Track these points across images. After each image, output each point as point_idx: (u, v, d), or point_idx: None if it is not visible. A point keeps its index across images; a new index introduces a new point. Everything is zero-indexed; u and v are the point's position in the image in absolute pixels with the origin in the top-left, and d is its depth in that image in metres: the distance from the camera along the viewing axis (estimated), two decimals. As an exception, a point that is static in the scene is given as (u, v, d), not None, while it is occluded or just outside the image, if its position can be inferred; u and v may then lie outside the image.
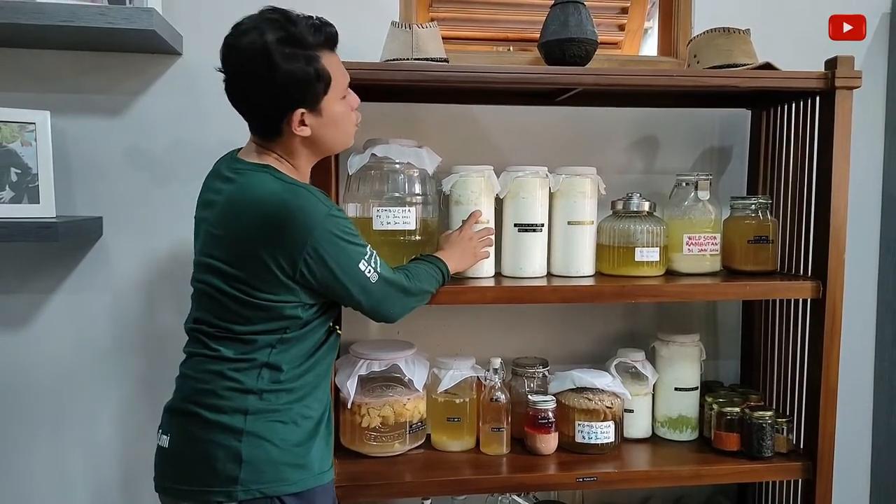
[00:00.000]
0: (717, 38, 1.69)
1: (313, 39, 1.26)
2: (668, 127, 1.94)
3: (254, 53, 1.23)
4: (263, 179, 1.27)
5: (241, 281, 1.26)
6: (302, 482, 1.29)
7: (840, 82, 1.57)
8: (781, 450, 1.71)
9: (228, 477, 1.24)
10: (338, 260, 1.27)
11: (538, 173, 1.67)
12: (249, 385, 1.27)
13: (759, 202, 1.73)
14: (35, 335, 1.76)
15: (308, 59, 1.25)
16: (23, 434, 1.78)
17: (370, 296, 1.34)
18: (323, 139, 1.34)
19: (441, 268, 1.49)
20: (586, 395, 1.71)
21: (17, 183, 1.59)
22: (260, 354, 1.28)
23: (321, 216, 1.24)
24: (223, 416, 1.26)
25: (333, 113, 1.32)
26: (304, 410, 1.32)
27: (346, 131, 1.38)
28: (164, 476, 1.31)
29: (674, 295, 1.64)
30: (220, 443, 1.25)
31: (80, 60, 1.72)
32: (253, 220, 1.24)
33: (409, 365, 1.67)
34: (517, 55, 2.13)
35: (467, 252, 1.57)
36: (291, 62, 1.23)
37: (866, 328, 2.05)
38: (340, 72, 1.33)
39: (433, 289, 1.47)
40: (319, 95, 1.28)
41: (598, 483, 1.63)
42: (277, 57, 1.22)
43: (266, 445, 1.26)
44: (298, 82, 1.25)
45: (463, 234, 1.59)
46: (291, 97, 1.26)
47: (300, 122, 1.29)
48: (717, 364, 2.02)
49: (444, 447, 1.73)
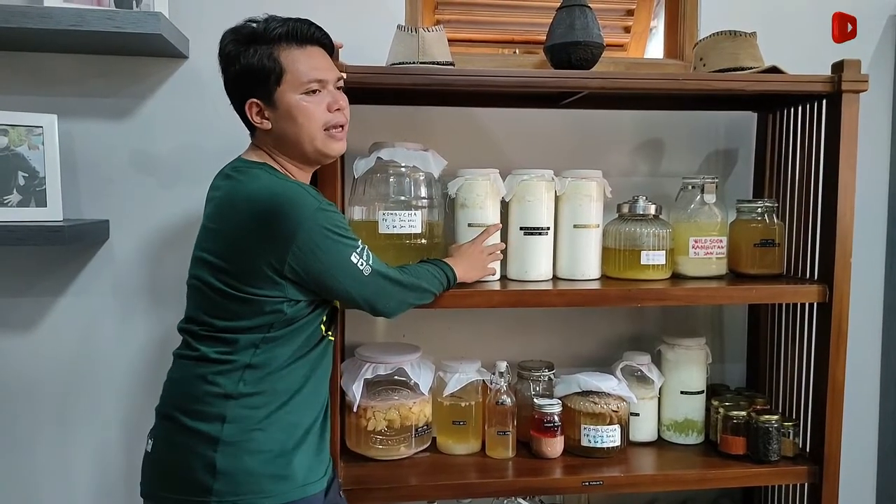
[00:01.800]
0: (724, 41, 1.69)
1: (269, 34, 1.30)
2: (674, 130, 1.94)
3: (219, 49, 1.33)
4: (258, 175, 1.29)
5: (228, 273, 1.26)
6: (282, 495, 1.25)
7: (847, 86, 1.57)
8: (788, 454, 1.71)
9: (203, 487, 1.22)
10: (328, 253, 1.26)
11: (544, 176, 1.66)
12: (229, 389, 1.25)
13: (765, 205, 1.73)
14: (42, 337, 1.77)
15: (255, 52, 1.29)
16: (28, 435, 1.78)
17: (363, 288, 1.33)
18: (284, 133, 1.33)
19: (446, 271, 1.49)
20: (592, 398, 1.71)
21: (24, 186, 1.60)
22: (242, 355, 1.27)
23: (311, 210, 1.24)
24: (201, 423, 1.25)
25: (288, 105, 1.31)
26: (288, 418, 1.29)
27: (310, 129, 1.32)
28: (147, 482, 1.31)
29: (680, 298, 1.64)
30: (196, 451, 1.24)
31: (86, 64, 1.72)
32: (244, 213, 1.25)
33: (415, 368, 1.67)
34: (522, 58, 2.13)
35: (477, 263, 1.57)
36: (244, 55, 1.29)
37: (873, 332, 2.04)
38: (305, 67, 1.31)
39: (434, 289, 1.46)
40: (272, 87, 1.30)
41: (604, 487, 1.62)
42: (230, 48, 1.31)
43: (243, 456, 1.24)
44: (246, 73, 1.30)
45: (475, 247, 1.59)
46: (243, 88, 1.32)
47: (257, 112, 1.33)
48: (723, 367, 2.02)
49: (450, 451, 1.73)
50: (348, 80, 1.43)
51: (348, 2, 1.79)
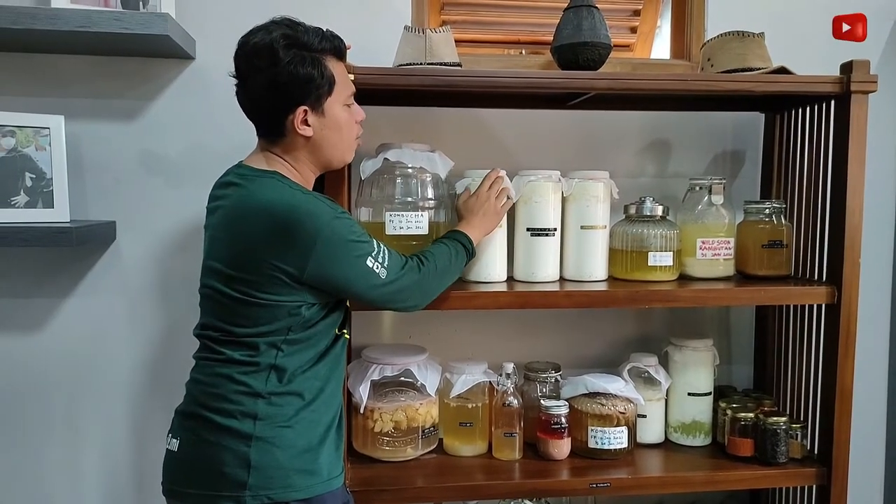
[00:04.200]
0: (731, 41, 1.68)
1: (318, 44, 1.31)
2: (681, 130, 1.93)
3: (261, 50, 1.28)
4: (272, 184, 1.29)
5: (243, 282, 1.26)
6: (310, 488, 1.29)
7: (856, 86, 1.57)
8: (796, 456, 1.70)
9: (237, 482, 1.24)
10: (346, 259, 1.28)
11: (551, 177, 1.66)
12: (258, 388, 1.28)
13: (773, 206, 1.72)
14: (50, 338, 1.77)
15: (312, 60, 1.29)
16: (38, 435, 1.79)
17: (382, 291, 1.34)
18: (324, 142, 1.34)
19: (463, 241, 1.50)
20: (599, 400, 1.71)
21: (31, 187, 1.60)
22: (265, 357, 1.28)
23: (328, 219, 1.26)
24: (233, 420, 1.27)
25: (336, 116, 1.34)
26: (313, 416, 1.32)
27: (348, 140, 1.39)
28: (173, 479, 1.32)
29: (687, 300, 1.64)
30: (230, 447, 1.26)
31: (93, 65, 1.73)
32: (260, 223, 1.25)
33: (422, 369, 1.67)
34: (529, 58, 2.12)
35: (489, 212, 1.56)
36: (296, 60, 1.28)
37: (881, 333, 2.03)
38: (345, 81, 1.36)
39: (457, 265, 1.48)
40: (323, 96, 1.31)
41: (611, 489, 1.62)
42: (282, 53, 1.27)
43: (275, 451, 1.27)
44: (301, 79, 1.29)
45: (480, 196, 1.58)
46: (294, 94, 1.30)
47: (303, 120, 1.31)
48: (731, 369, 2.01)
49: (457, 452, 1.73)
50: (356, 81, 1.42)
51: (356, 3, 1.79)
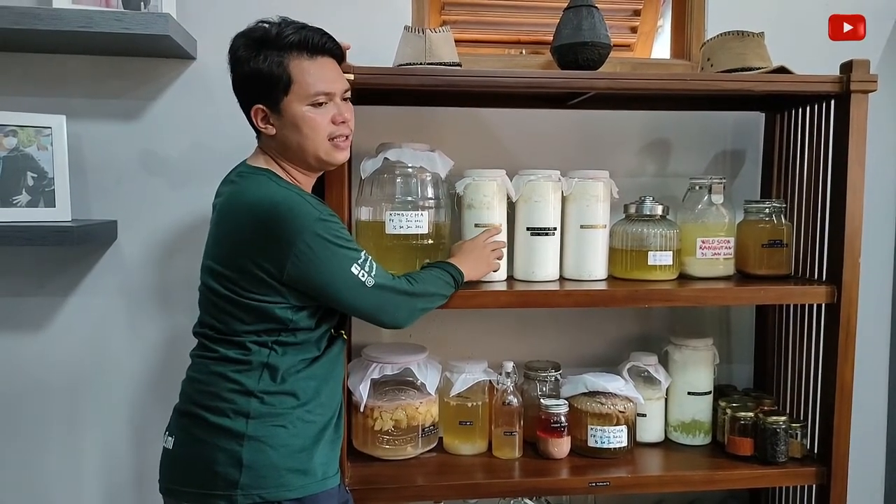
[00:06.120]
0: (731, 41, 1.68)
1: (283, 41, 1.29)
2: (681, 130, 1.94)
3: (229, 50, 1.33)
4: (261, 182, 1.30)
5: (231, 280, 1.27)
6: (303, 488, 1.29)
7: (855, 86, 1.57)
8: (795, 455, 1.70)
9: (229, 481, 1.24)
10: (327, 263, 1.26)
11: (551, 177, 1.66)
12: (251, 387, 1.27)
13: (773, 206, 1.72)
14: (51, 337, 1.78)
15: (267, 59, 1.29)
16: (38, 434, 1.79)
17: (365, 300, 1.32)
18: (287, 141, 1.33)
19: (452, 272, 1.47)
20: (599, 399, 1.71)
21: (33, 187, 1.61)
22: (258, 356, 1.28)
23: (311, 219, 1.25)
24: (225, 419, 1.27)
25: (294, 115, 1.31)
26: (306, 416, 1.31)
27: (314, 140, 1.32)
28: (168, 477, 1.32)
29: (687, 299, 1.64)
30: (222, 446, 1.26)
31: (95, 65, 1.73)
32: (244, 221, 1.26)
33: (422, 368, 1.67)
34: (529, 58, 2.13)
35: (481, 259, 1.56)
36: (251, 59, 1.29)
37: (881, 333, 2.03)
38: (313, 79, 1.31)
39: (444, 292, 1.46)
40: (279, 95, 1.30)
41: (611, 488, 1.62)
42: (240, 52, 1.31)
43: (267, 450, 1.26)
44: (254, 79, 1.30)
45: (477, 242, 1.58)
46: (250, 93, 1.32)
47: (262, 118, 1.33)
48: (731, 368, 2.01)
49: (457, 451, 1.74)
50: (355, 80, 1.43)
51: (356, 3, 1.80)
